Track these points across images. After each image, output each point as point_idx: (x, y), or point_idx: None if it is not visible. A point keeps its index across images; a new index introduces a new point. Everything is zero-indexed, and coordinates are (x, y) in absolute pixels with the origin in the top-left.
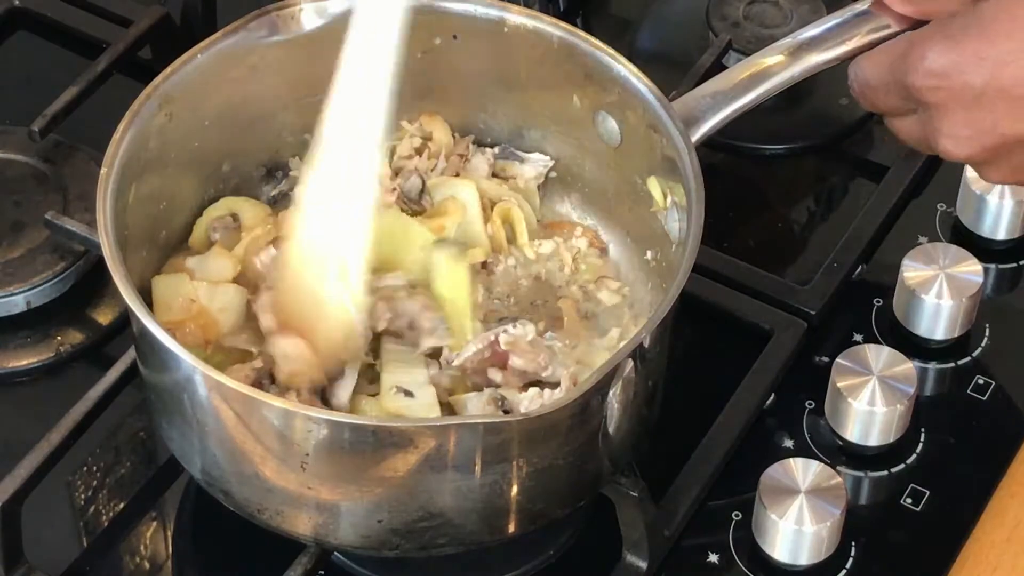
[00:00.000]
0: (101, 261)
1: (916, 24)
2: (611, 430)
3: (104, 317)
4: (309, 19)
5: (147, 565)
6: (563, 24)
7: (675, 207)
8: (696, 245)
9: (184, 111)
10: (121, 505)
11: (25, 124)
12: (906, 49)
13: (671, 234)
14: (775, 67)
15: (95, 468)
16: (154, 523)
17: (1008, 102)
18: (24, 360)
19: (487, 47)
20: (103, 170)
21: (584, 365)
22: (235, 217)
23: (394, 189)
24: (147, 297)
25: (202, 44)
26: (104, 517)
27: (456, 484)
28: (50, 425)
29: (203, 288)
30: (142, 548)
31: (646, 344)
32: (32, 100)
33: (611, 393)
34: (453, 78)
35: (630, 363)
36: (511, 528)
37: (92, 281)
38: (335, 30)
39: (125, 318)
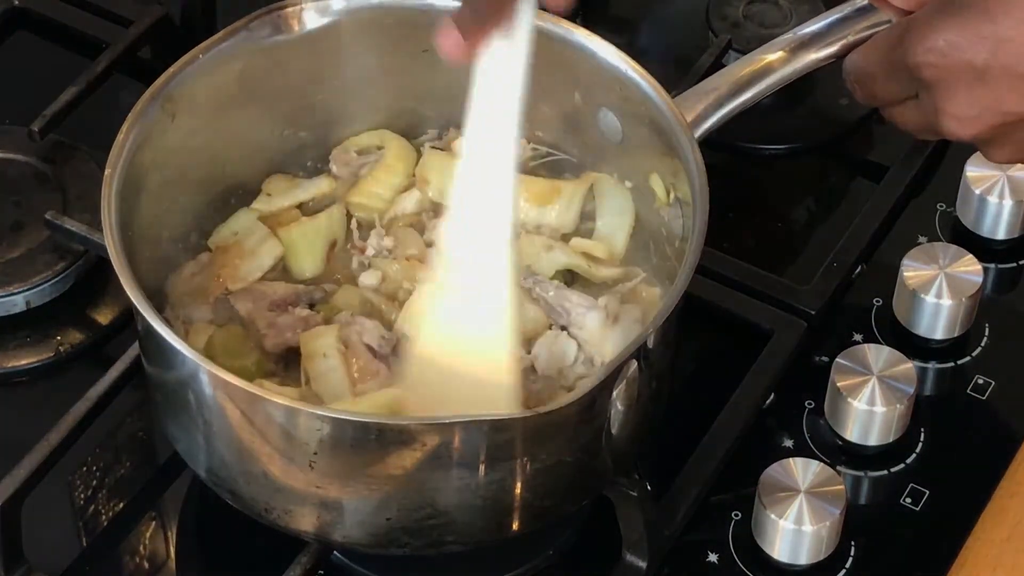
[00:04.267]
0: (101, 261)
1: None
2: (616, 429)
3: (104, 317)
4: (311, 18)
5: (147, 565)
6: (563, 22)
7: (678, 203)
8: (701, 241)
9: (187, 111)
10: (121, 505)
11: (25, 124)
12: (905, 30)
13: (674, 230)
14: (776, 63)
15: (95, 468)
16: (154, 523)
17: (1011, 79)
18: (24, 360)
19: None
20: (107, 171)
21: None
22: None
23: None
24: (150, 295)
25: (204, 44)
26: (104, 517)
27: (464, 481)
28: (50, 425)
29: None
30: (142, 548)
31: (650, 344)
32: (32, 100)
33: (615, 392)
34: (455, 76)
35: (634, 363)
36: (518, 525)
37: (92, 281)
38: (337, 29)
39: (125, 318)
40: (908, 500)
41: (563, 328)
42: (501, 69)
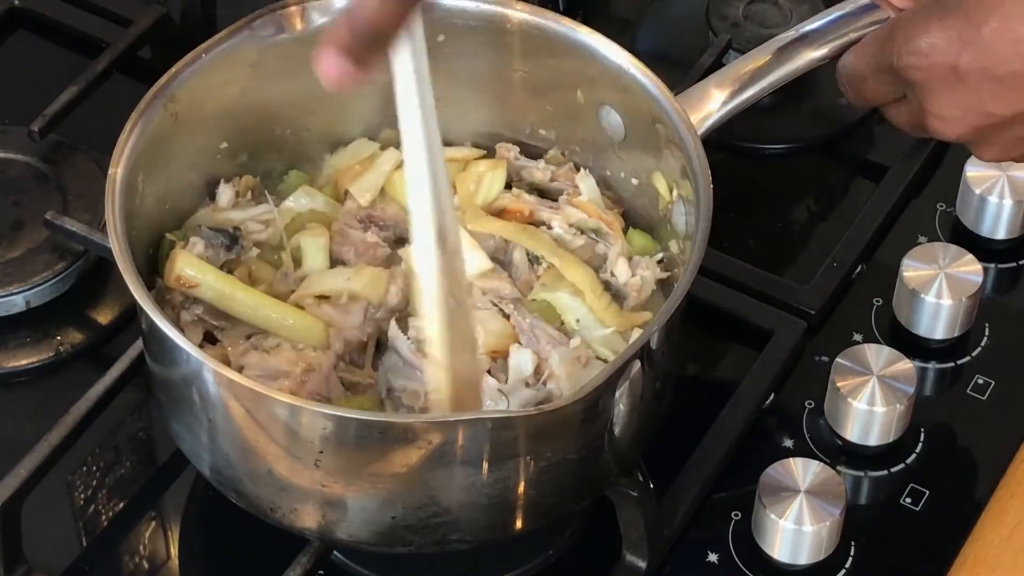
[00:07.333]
0: (101, 261)
1: None
2: (619, 428)
3: (104, 317)
4: (313, 17)
5: (147, 565)
6: (565, 20)
7: (681, 201)
8: (705, 238)
9: (189, 111)
10: (121, 505)
11: (25, 124)
12: (891, 32)
13: (678, 228)
14: (776, 62)
15: (95, 468)
16: (154, 523)
17: (992, 82)
18: (24, 360)
19: (490, 44)
20: (111, 170)
21: None
22: None
23: None
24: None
25: (207, 43)
26: (104, 517)
27: (468, 479)
28: (50, 425)
29: None
30: (142, 548)
31: (653, 344)
32: (32, 100)
33: (619, 391)
34: (456, 75)
35: (637, 362)
36: (522, 523)
37: (92, 281)
38: None
39: (125, 318)
40: (908, 500)
41: None
42: (405, 76)
